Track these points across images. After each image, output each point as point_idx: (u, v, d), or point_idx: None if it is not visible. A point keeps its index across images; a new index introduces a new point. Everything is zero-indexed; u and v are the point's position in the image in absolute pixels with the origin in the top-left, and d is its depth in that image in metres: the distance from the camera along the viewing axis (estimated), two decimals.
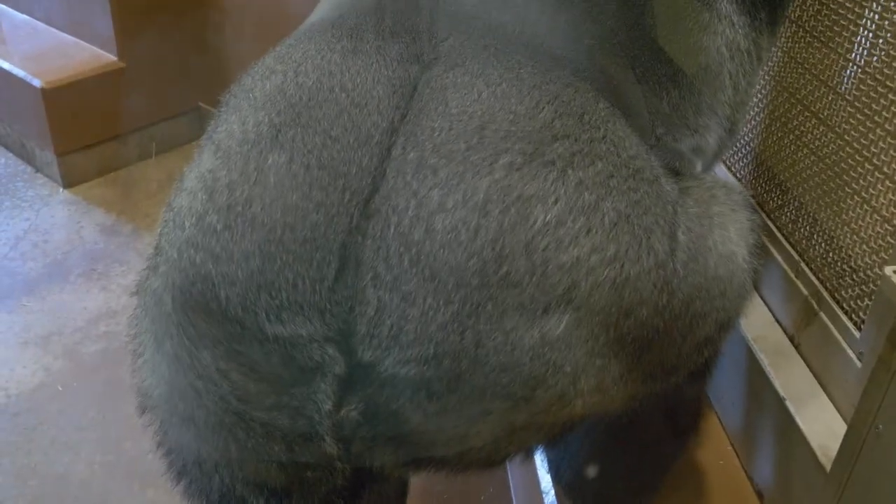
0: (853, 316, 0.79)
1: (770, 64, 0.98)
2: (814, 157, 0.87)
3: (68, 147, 2.21)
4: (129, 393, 0.71)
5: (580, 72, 0.65)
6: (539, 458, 1.03)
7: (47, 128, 2.16)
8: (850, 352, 0.78)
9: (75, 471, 1.40)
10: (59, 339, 1.71)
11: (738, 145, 1.07)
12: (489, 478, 1.33)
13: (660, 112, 0.72)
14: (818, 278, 0.86)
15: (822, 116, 0.85)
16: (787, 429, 0.82)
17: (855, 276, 0.79)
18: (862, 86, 0.78)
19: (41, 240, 2.02)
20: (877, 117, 0.75)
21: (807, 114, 0.88)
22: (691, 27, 0.74)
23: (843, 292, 0.81)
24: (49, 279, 1.88)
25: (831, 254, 0.84)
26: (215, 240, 0.57)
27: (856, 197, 0.79)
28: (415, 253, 0.54)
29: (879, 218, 0.75)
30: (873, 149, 0.75)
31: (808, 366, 0.87)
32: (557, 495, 1.00)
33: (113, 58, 2.24)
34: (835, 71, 0.83)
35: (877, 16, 0.76)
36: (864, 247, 0.77)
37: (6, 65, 2.21)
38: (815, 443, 0.78)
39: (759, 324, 0.94)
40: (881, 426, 0.54)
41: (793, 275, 0.91)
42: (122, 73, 2.24)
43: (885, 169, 0.74)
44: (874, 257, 0.76)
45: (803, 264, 0.89)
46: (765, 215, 0.98)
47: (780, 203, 0.96)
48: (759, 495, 0.90)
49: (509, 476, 1.32)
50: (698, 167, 0.77)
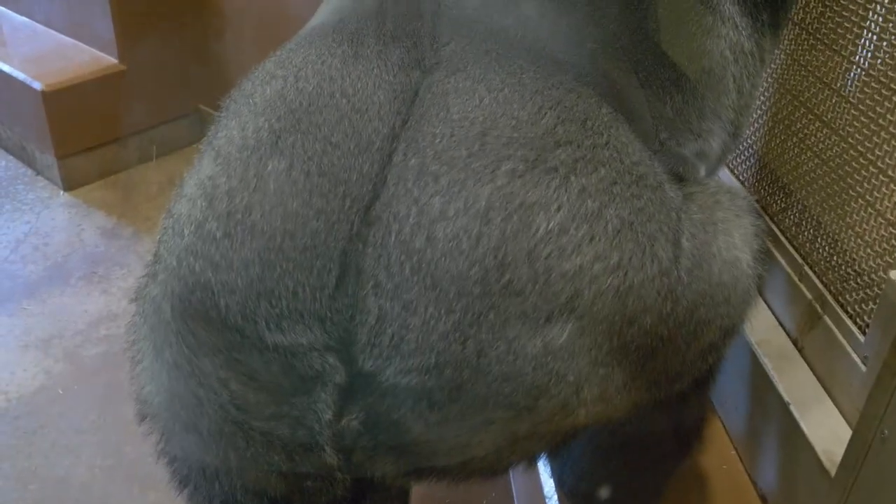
0: (857, 320, 0.78)
1: (773, 67, 0.97)
2: (817, 161, 0.86)
3: (69, 150, 2.21)
4: (130, 396, 0.70)
5: (582, 77, 0.65)
6: (542, 464, 1.03)
7: (47, 131, 2.15)
8: (854, 356, 0.77)
9: (76, 474, 1.40)
10: (60, 342, 1.70)
11: (742, 148, 1.07)
12: (491, 484, 1.33)
13: (663, 117, 0.71)
14: (822, 282, 0.86)
15: (826, 119, 0.85)
16: (791, 433, 0.81)
17: (859, 280, 0.78)
18: (866, 88, 0.77)
19: (41, 243, 2.02)
20: (881, 120, 0.74)
21: (810, 117, 0.88)
22: (694, 31, 0.74)
23: (847, 296, 0.81)
24: (49, 282, 1.88)
25: (835, 257, 0.83)
26: (215, 247, 0.57)
27: (860, 200, 0.78)
28: (416, 261, 0.54)
29: (884, 221, 0.75)
30: (877, 152, 0.75)
31: (812, 370, 0.86)
32: (560, 501, 0.99)
33: (113, 60, 2.24)
34: (838, 74, 0.82)
35: (881, 18, 0.75)
36: (869, 250, 0.77)
37: (6, 67, 2.20)
38: (819, 447, 0.77)
39: (762, 327, 0.93)
40: (886, 431, 0.54)
41: (796, 278, 0.90)
42: (123, 76, 2.23)
43: (890, 172, 0.73)
44: (878, 261, 0.75)
45: (807, 268, 0.88)
46: (768, 218, 0.98)
47: (783, 206, 0.96)
48: (763, 500, 0.89)
49: (512, 482, 1.31)
50: (702, 172, 0.77)
